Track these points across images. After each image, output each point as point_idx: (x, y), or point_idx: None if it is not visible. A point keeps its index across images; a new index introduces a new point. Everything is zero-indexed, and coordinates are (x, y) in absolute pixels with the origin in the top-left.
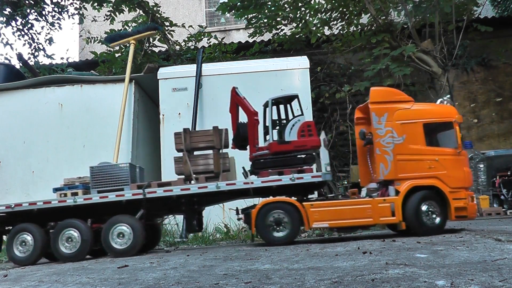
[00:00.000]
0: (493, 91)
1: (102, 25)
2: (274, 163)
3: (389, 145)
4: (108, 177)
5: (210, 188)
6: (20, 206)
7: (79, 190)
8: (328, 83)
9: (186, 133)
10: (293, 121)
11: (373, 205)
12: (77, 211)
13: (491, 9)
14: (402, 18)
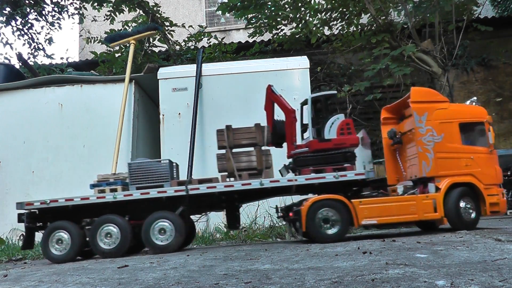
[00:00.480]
0: (493, 91)
1: (102, 25)
2: (316, 160)
3: (430, 143)
4: (147, 173)
5: (254, 185)
6: (56, 202)
7: (118, 186)
8: (328, 83)
9: (229, 130)
10: (332, 119)
11: (417, 202)
12: (112, 208)
13: (491, 9)
14: (402, 18)
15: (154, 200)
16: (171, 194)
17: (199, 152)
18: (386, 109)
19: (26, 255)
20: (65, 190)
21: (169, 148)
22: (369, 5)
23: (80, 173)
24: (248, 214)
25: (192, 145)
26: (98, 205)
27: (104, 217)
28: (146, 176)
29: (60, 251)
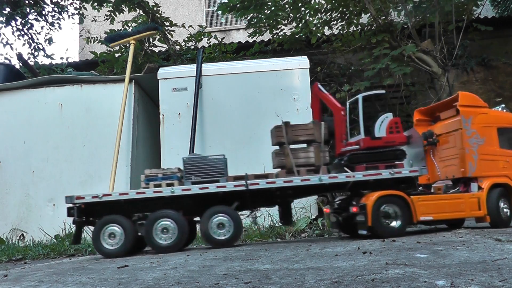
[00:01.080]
0: (493, 91)
1: (102, 25)
2: (369, 158)
3: (474, 145)
4: (203, 168)
5: (313, 180)
6: (109, 196)
7: (174, 181)
8: (328, 83)
9: (287, 126)
10: (381, 117)
11: (464, 200)
12: (165, 202)
13: (491, 9)
14: (402, 18)
15: (208, 195)
16: (230, 189)
17: (199, 152)
18: (419, 111)
19: (26, 255)
20: (65, 190)
21: (169, 148)
22: (369, 5)
23: (80, 173)
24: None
25: (192, 145)
26: (150, 200)
27: (160, 212)
28: (201, 171)
29: (112, 246)
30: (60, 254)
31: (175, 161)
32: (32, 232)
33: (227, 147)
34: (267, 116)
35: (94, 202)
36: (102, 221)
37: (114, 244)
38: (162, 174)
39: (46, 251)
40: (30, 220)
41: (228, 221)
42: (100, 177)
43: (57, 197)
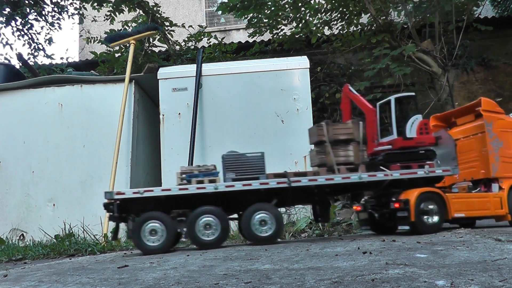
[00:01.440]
0: (493, 91)
1: (102, 25)
2: (403, 157)
3: (495, 148)
4: (242, 165)
5: (353, 178)
6: (151, 192)
7: (216, 177)
8: (328, 83)
9: (328, 124)
10: (412, 119)
11: (489, 199)
12: (205, 199)
13: (491, 9)
14: (402, 18)
15: (247, 192)
16: (273, 186)
17: (199, 152)
18: (435, 117)
19: (26, 255)
20: (65, 190)
21: (169, 148)
22: (369, 5)
23: (80, 173)
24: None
25: (192, 145)
26: (191, 197)
27: (202, 209)
28: (240, 168)
29: (153, 242)
30: (60, 254)
31: (175, 161)
32: (32, 232)
33: (227, 147)
34: (267, 116)
35: (133, 198)
36: (143, 218)
37: (155, 241)
38: (197, 171)
39: (46, 251)
40: (30, 220)
41: (270, 218)
42: (100, 177)
43: (57, 197)
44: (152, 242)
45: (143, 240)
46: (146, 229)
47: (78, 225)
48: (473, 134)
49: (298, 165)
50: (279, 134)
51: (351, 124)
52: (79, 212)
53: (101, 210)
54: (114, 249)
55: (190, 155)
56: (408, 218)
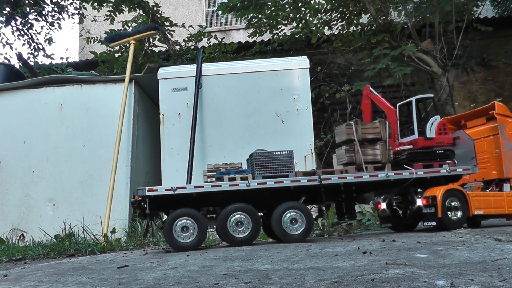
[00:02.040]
0: (493, 91)
1: (102, 25)
2: (425, 156)
3: (508, 150)
4: (272, 163)
5: (380, 176)
6: (184, 189)
7: (248, 174)
8: (328, 83)
9: (357, 124)
10: (431, 119)
11: (504, 198)
12: (235, 196)
13: (491, 9)
14: (402, 18)
15: (277, 189)
16: (304, 183)
17: (199, 152)
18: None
19: (26, 255)
20: (65, 190)
21: (169, 148)
22: (369, 5)
23: (80, 173)
24: None
25: (192, 145)
26: (220, 194)
27: (234, 206)
28: (270, 165)
29: (183, 239)
30: (60, 254)
31: (175, 161)
32: (32, 232)
33: (227, 147)
34: (267, 116)
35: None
36: (174, 215)
37: (186, 238)
38: (224, 168)
39: (46, 251)
40: (30, 220)
41: (300, 216)
42: (100, 177)
43: (57, 197)
44: (183, 239)
45: (175, 236)
46: (178, 225)
47: (78, 225)
48: (484, 136)
49: (298, 165)
50: (279, 134)
51: (379, 124)
52: (79, 212)
53: (101, 210)
54: (114, 249)
55: (190, 155)
56: (435, 214)
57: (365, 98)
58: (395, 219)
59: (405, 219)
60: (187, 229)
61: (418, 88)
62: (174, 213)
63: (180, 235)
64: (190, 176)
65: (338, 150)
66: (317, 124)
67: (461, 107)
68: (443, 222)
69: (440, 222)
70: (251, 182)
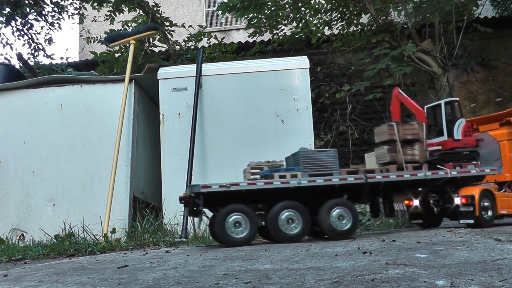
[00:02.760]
0: (493, 91)
1: (102, 25)
2: (455, 157)
3: None
4: (318, 162)
5: (419, 176)
6: (237, 186)
7: (297, 172)
8: (328, 83)
9: (398, 125)
10: (458, 122)
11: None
12: (282, 194)
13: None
14: (402, 18)
15: (322, 187)
16: (351, 181)
17: (199, 152)
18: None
19: (26, 255)
20: (65, 190)
21: (169, 148)
22: (369, 5)
23: (80, 173)
24: None
25: (192, 145)
26: (269, 191)
27: (285, 203)
28: (316, 164)
29: (236, 234)
30: (60, 254)
31: (175, 161)
32: (32, 232)
33: (227, 147)
34: (267, 116)
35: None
36: (227, 210)
37: (239, 233)
38: (267, 166)
39: (46, 251)
40: (30, 220)
41: (346, 213)
42: (100, 177)
43: (57, 197)
44: (236, 234)
45: (228, 232)
46: (230, 221)
47: (78, 225)
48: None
49: None
50: (279, 134)
51: (416, 125)
52: (79, 212)
53: (101, 210)
54: (114, 249)
55: (190, 155)
56: (473, 213)
57: (395, 99)
58: (426, 216)
59: (434, 216)
60: (239, 225)
61: (418, 88)
62: (226, 209)
63: (233, 230)
64: (190, 176)
65: (378, 149)
66: (317, 124)
67: None
68: (479, 220)
69: (477, 220)
70: (302, 179)
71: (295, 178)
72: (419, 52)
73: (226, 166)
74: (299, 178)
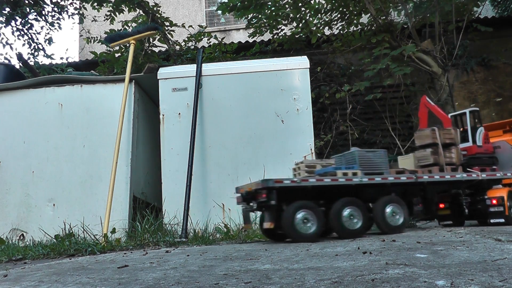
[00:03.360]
0: (493, 91)
1: (102, 25)
2: (481, 162)
3: None
4: (370, 161)
5: (457, 177)
6: (307, 182)
7: (357, 170)
8: (328, 83)
9: (439, 129)
10: (479, 130)
11: None
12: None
13: (491, 9)
14: (402, 18)
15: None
16: (404, 180)
17: (199, 152)
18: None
19: (26, 255)
20: (65, 190)
21: (169, 148)
22: (369, 5)
23: (80, 173)
24: None
25: (192, 145)
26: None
27: (346, 199)
28: (369, 164)
29: (305, 230)
30: (60, 254)
31: (175, 161)
32: (32, 232)
33: (227, 147)
34: (267, 116)
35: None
36: (294, 207)
37: (308, 229)
38: (320, 165)
39: (46, 251)
40: (30, 220)
41: (398, 209)
42: (100, 177)
43: (57, 197)
44: (305, 230)
45: (297, 228)
46: (299, 217)
47: (78, 225)
48: None
49: None
50: (279, 134)
51: (453, 130)
52: (79, 212)
53: (101, 210)
54: (114, 249)
55: (190, 155)
56: (503, 212)
57: (423, 107)
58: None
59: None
60: (307, 221)
61: (418, 88)
62: (294, 205)
63: (302, 226)
64: (190, 176)
65: (420, 152)
66: (317, 124)
67: (461, 107)
68: (508, 219)
69: (507, 219)
70: (362, 177)
71: (356, 176)
72: (419, 52)
73: (226, 166)
74: (360, 176)
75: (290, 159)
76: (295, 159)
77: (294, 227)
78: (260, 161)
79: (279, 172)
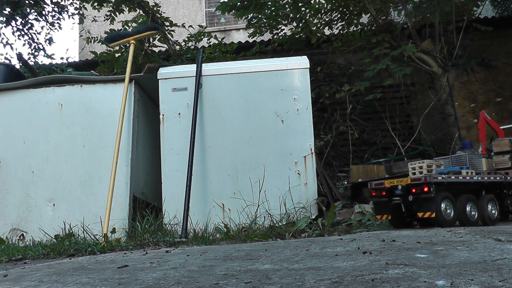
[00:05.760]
0: (493, 91)
1: (102, 25)
2: None
3: None
4: (476, 162)
5: None
6: (458, 179)
7: (470, 170)
8: (328, 83)
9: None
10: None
11: None
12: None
13: (491, 9)
14: (402, 18)
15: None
16: (510, 180)
17: (199, 152)
18: None
19: (26, 255)
20: (65, 190)
21: (169, 148)
22: (369, 5)
23: (80, 173)
24: (248, 214)
25: (192, 145)
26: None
27: (466, 196)
28: (475, 164)
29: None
30: (60, 254)
31: (175, 161)
32: (32, 232)
33: (227, 147)
34: (267, 116)
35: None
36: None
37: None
38: (435, 165)
39: (46, 251)
40: (30, 220)
41: (495, 205)
42: (100, 177)
43: (57, 197)
44: (447, 217)
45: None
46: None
47: (78, 225)
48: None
49: (298, 165)
50: (279, 134)
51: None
52: (79, 212)
53: (101, 210)
54: (114, 249)
55: (190, 155)
56: None
57: (482, 120)
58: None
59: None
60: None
61: (418, 88)
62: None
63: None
64: (190, 176)
65: (498, 157)
66: (317, 124)
67: (461, 107)
68: None
69: None
70: (485, 176)
71: (478, 174)
72: (419, 52)
73: (226, 166)
74: (483, 174)
75: (290, 159)
76: (295, 159)
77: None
78: (260, 161)
79: (279, 172)
